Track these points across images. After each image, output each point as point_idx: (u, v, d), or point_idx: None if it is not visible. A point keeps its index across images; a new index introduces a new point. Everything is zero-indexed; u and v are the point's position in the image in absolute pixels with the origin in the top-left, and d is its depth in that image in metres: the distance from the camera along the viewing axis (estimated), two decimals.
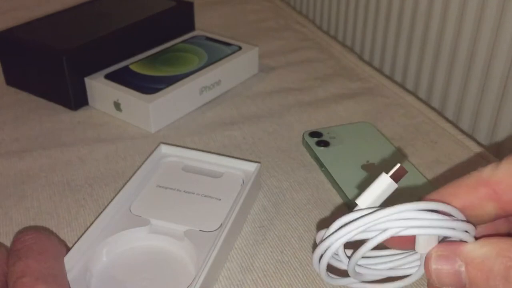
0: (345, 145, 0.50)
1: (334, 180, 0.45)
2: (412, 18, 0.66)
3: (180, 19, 0.67)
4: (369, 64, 0.69)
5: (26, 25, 0.60)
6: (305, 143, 0.51)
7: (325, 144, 0.50)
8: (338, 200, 0.45)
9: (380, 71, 0.69)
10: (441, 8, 0.61)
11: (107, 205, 0.39)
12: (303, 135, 0.51)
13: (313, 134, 0.51)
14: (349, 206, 0.43)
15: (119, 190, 0.41)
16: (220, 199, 0.41)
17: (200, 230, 0.38)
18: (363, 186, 0.44)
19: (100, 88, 0.55)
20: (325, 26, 0.85)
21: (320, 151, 0.49)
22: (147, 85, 0.54)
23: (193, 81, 0.55)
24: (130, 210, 0.40)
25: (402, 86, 0.67)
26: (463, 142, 0.52)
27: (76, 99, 0.56)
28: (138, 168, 0.44)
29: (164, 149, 0.47)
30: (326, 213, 0.43)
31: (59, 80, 0.55)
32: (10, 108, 0.57)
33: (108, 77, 0.56)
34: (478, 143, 0.53)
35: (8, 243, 0.40)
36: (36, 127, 0.54)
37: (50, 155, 0.50)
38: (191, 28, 0.68)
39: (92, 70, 0.56)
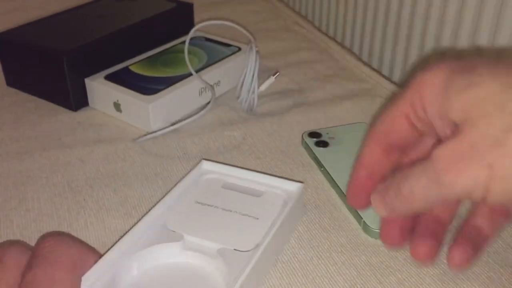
0: (344, 145, 0.50)
1: (333, 180, 0.46)
2: (411, 19, 0.66)
3: (180, 20, 0.67)
4: (368, 64, 0.69)
5: (26, 26, 0.60)
6: (304, 144, 0.51)
7: (324, 144, 0.50)
8: (337, 200, 0.45)
9: (378, 71, 0.69)
10: (439, 9, 0.62)
11: (142, 217, 0.38)
12: (302, 136, 0.51)
13: (312, 134, 0.51)
14: (349, 209, 0.44)
15: (156, 203, 0.40)
16: (258, 219, 0.39)
17: (234, 249, 0.37)
18: None
19: (100, 89, 0.55)
20: (324, 27, 0.85)
21: (319, 151, 0.49)
22: (147, 86, 0.54)
23: (193, 82, 0.56)
24: (165, 225, 0.39)
25: (400, 86, 0.68)
26: None
27: (76, 100, 0.56)
28: (177, 183, 0.43)
29: (205, 165, 0.45)
30: (325, 213, 0.43)
31: (60, 81, 0.55)
32: (10, 109, 0.57)
33: (108, 78, 0.56)
34: None
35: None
36: (36, 128, 0.54)
37: (50, 156, 0.50)
38: (191, 29, 0.68)
39: (92, 71, 0.57)
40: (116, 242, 0.36)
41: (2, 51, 0.59)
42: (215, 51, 0.62)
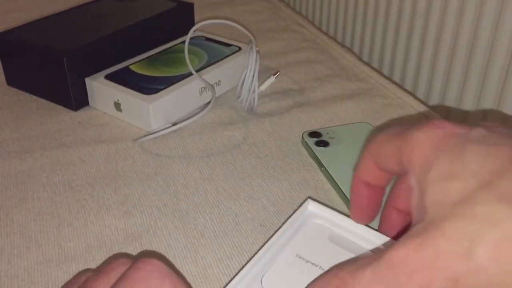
0: (344, 145, 0.50)
1: (333, 180, 0.46)
2: (411, 19, 0.66)
3: (180, 20, 0.67)
4: (368, 64, 0.69)
5: (27, 26, 0.60)
6: (304, 143, 0.51)
7: (324, 144, 0.50)
8: (337, 200, 0.45)
9: (379, 71, 0.69)
10: (440, 9, 0.62)
11: (238, 272, 0.33)
12: (302, 135, 0.52)
13: (313, 134, 0.51)
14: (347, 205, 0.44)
15: (253, 255, 0.35)
16: None
17: None
18: None
19: (100, 89, 0.55)
20: (324, 27, 0.85)
21: (319, 151, 0.49)
22: (147, 86, 0.55)
23: (193, 81, 0.56)
24: (261, 283, 0.33)
25: (400, 86, 0.68)
26: None
27: (77, 100, 0.56)
28: (281, 226, 0.37)
29: (312, 206, 0.38)
30: None
31: (60, 80, 0.55)
32: (11, 109, 0.57)
33: (109, 77, 0.56)
34: None
35: (9, 243, 0.40)
36: (37, 127, 0.54)
37: (50, 156, 0.50)
38: (191, 28, 0.68)
39: (93, 70, 0.57)
40: None
41: (3, 51, 0.59)
42: (216, 50, 0.62)
